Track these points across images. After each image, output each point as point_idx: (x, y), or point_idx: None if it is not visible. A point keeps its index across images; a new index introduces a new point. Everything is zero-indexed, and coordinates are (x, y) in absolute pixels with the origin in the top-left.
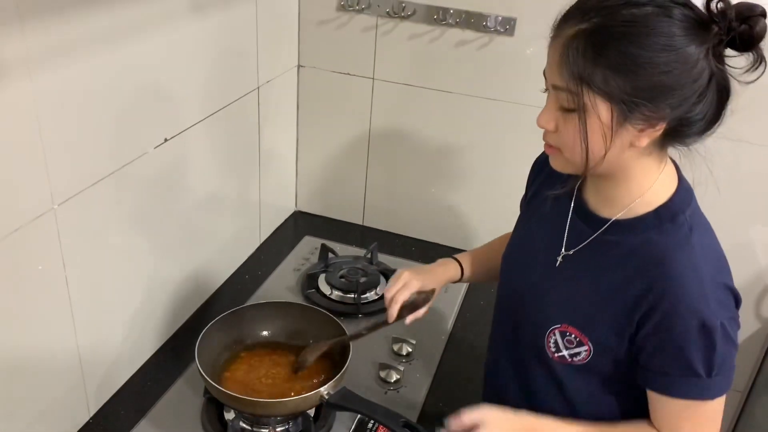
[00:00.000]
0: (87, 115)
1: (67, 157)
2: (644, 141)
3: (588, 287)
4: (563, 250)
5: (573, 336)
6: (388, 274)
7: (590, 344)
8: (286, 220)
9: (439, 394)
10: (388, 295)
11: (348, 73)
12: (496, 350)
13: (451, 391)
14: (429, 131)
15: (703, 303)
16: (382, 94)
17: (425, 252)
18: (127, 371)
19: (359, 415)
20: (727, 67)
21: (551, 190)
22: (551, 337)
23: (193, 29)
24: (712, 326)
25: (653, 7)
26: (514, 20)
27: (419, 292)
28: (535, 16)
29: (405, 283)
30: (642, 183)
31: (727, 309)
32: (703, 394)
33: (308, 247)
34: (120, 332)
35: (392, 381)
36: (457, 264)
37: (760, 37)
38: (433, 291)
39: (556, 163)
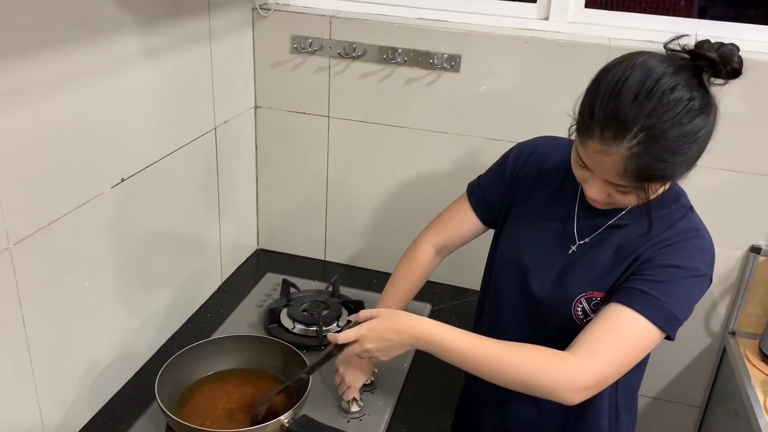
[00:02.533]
0: (41, 156)
1: (22, 197)
2: None
3: (604, 259)
4: (576, 240)
5: (598, 299)
6: (350, 305)
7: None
8: (248, 259)
9: (402, 420)
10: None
11: (304, 112)
12: (504, 324)
13: (414, 415)
14: (384, 165)
15: (698, 254)
16: (338, 131)
17: (385, 283)
18: (87, 414)
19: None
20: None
21: (546, 192)
22: (578, 306)
23: (146, 72)
24: (700, 274)
25: (682, 111)
26: (459, 57)
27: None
28: (478, 52)
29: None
30: None
31: (709, 273)
32: (653, 315)
33: (270, 283)
34: (79, 373)
35: (354, 411)
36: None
37: (741, 69)
38: (338, 347)
39: (603, 207)
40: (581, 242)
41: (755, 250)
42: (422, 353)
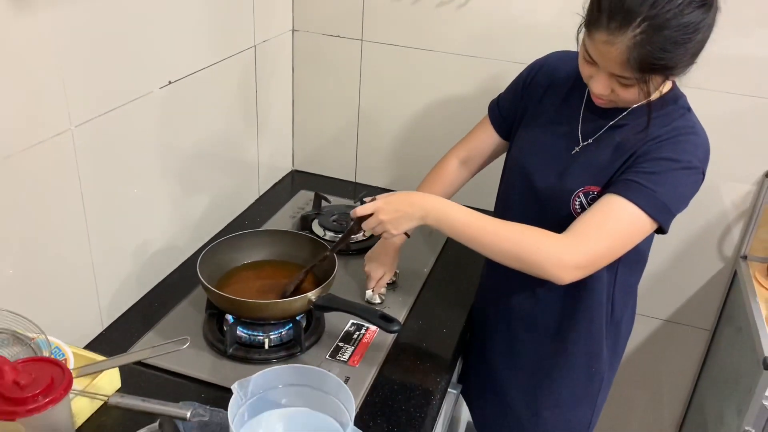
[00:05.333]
0: (100, 49)
1: (84, 85)
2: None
3: (606, 158)
4: (580, 141)
5: (595, 193)
6: None
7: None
8: (283, 178)
9: (419, 314)
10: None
11: (339, 36)
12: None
13: (430, 310)
14: (415, 89)
15: (693, 149)
16: (371, 55)
17: None
18: (136, 294)
19: (346, 327)
20: None
21: (555, 100)
22: (576, 200)
23: None
24: (696, 168)
25: (684, 2)
26: None
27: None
28: None
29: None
30: None
31: (702, 168)
32: (644, 203)
33: (304, 198)
34: (130, 254)
35: (376, 302)
36: None
37: None
38: (357, 222)
39: (602, 105)
40: (584, 143)
41: None
42: (442, 262)
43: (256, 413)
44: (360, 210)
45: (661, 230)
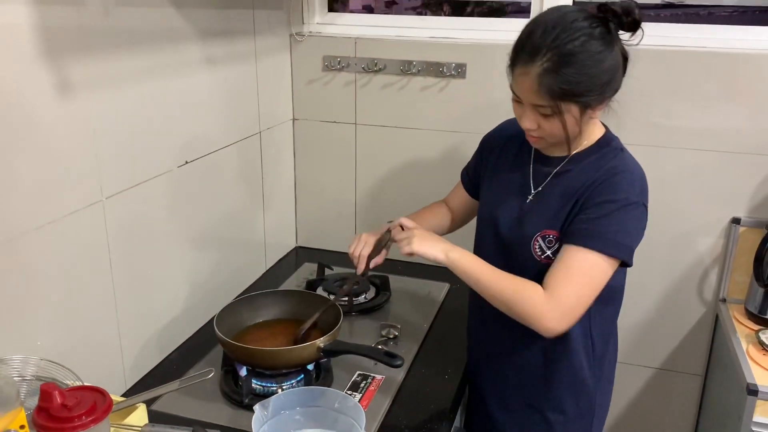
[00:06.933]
0: (128, 131)
1: (115, 162)
2: (599, 113)
3: (555, 202)
4: (532, 189)
5: (552, 236)
6: (376, 281)
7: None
8: (288, 253)
9: (423, 363)
10: (355, 253)
11: (335, 122)
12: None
13: (433, 361)
14: (406, 164)
15: (630, 187)
16: (364, 136)
17: (409, 268)
18: (158, 356)
19: (353, 377)
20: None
21: (508, 158)
22: (536, 243)
23: (205, 76)
24: (634, 203)
25: (583, 36)
26: (465, 65)
27: (379, 240)
28: (481, 61)
29: (365, 241)
30: (585, 133)
31: (644, 202)
32: (602, 246)
33: (308, 270)
34: (152, 321)
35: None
36: None
37: (641, 21)
38: (389, 231)
39: (538, 145)
40: (536, 191)
41: (735, 221)
42: (442, 315)
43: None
44: (405, 220)
45: (625, 264)
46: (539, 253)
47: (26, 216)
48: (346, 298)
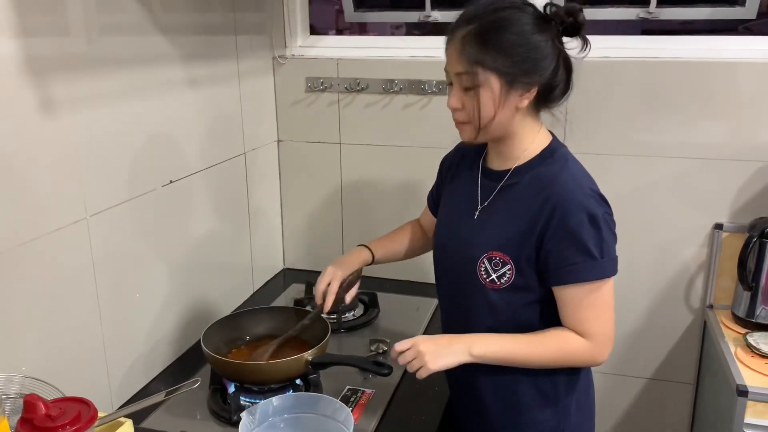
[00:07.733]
0: (112, 150)
1: (97, 180)
2: (525, 102)
3: (501, 220)
4: (479, 205)
5: (498, 258)
6: (365, 299)
7: (511, 262)
8: (275, 275)
9: (413, 377)
10: (320, 290)
11: (319, 142)
12: (442, 300)
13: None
14: (391, 181)
15: (585, 200)
16: (348, 155)
17: (398, 285)
18: (144, 378)
19: (343, 391)
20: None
21: (461, 175)
22: (482, 265)
23: (189, 97)
24: (596, 215)
25: (512, 9)
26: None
27: (349, 275)
28: None
29: (332, 277)
30: (526, 139)
31: (604, 206)
32: (600, 273)
33: (296, 290)
34: (138, 341)
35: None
36: (368, 250)
37: (582, 25)
38: (360, 270)
39: (465, 134)
40: (482, 207)
41: (718, 227)
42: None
43: None
44: (398, 345)
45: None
46: (485, 276)
47: (9, 233)
48: (335, 316)
